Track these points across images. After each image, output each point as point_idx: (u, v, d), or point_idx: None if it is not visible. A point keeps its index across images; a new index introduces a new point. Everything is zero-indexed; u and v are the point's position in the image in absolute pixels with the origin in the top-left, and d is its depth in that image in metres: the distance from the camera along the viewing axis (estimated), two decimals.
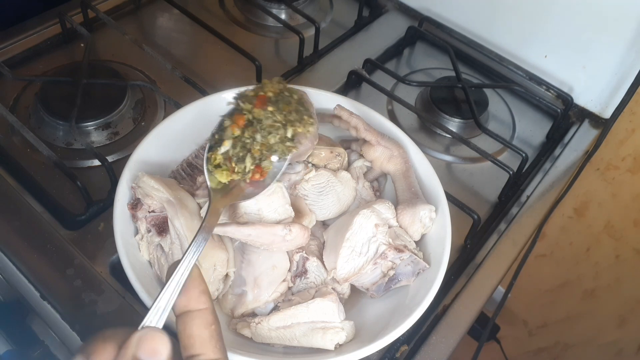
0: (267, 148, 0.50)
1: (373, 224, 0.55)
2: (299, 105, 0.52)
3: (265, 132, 0.50)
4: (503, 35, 0.92)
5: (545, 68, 0.90)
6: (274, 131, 0.50)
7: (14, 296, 0.66)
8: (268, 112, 0.50)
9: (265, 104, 0.50)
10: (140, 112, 0.76)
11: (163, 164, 0.60)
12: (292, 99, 0.52)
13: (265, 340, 0.52)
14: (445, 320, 0.62)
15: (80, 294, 0.57)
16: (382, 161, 0.62)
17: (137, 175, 0.55)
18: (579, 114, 0.90)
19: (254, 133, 0.50)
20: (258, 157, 0.50)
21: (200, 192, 0.58)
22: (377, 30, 0.96)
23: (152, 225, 0.54)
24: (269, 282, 0.54)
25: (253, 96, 0.51)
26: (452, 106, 0.84)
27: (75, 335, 0.55)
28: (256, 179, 0.50)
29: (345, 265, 0.54)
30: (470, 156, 0.80)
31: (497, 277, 0.68)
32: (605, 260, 1.16)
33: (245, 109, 0.50)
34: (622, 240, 1.10)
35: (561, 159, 0.82)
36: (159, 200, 0.54)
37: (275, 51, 0.91)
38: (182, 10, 0.86)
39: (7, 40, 0.80)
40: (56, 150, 0.69)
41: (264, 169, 0.50)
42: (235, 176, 0.50)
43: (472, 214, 0.67)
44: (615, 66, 0.83)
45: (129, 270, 0.50)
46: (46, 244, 0.60)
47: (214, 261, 0.53)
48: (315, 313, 0.51)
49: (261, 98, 0.51)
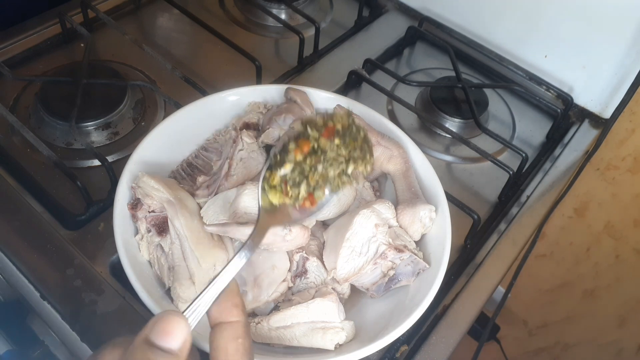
0: (324, 179, 0.49)
1: (373, 224, 0.55)
2: (364, 143, 0.52)
3: (327, 163, 0.49)
4: (503, 35, 0.92)
5: (545, 68, 0.90)
6: (335, 164, 0.49)
7: (14, 296, 0.66)
8: (334, 145, 0.49)
9: (333, 135, 0.49)
10: (140, 112, 0.76)
11: (163, 164, 0.60)
12: (358, 135, 0.51)
13: (265, 340, 0.52)
14: (445, 320, 0.62)
15: (80, 294, 0.57)
16: (382, 161, 0.62)
17: (137, 175, 0.55)
18: (579, 114, 0.90)
19: (316, 162, 0.49)
20: (313, 186, 0.49)
21: (200, 192, 0.58)
22: (377, 30, 0.96)
23: (152, 225, 0.54)
24: (269, 282, 0.54)
25: (322, 125, 0.50)
26: (452, 106, 0.84)
27: (75, 335, 0.55)
28: (306, 206, 0.50)
29: (345, 265, 0.54)
30: (470, 156, 0.80)
31: (497, 277, 0.68)
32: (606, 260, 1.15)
33: (312, 137, 0.49)
34: (622, 240, 1.10)
35: (561, 159, 0.82)
36: (159, 200, 0.54)
37: (275, 51, 0.91)
38: (182, 10, 0.86)
39: (7, 40, 0.80)
40: (56, 150, 0.69)
41: (316, 198, 0.50)
42: (287, 200, 0.49)
43: (472, 214, 0.67)
44: (615, 66, 0.83)
45: (129, 270, 0.50)
46: (46, 244, 0.60)
47: (213, 261, 0.53)
48: (316, 313, 0.51)
49: (330, 129, 0.50)
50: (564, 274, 1.24)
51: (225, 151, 0.61)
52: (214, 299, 0.36)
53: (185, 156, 0.63)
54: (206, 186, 0.59)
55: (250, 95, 0.66)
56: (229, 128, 0.64)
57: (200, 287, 0.52)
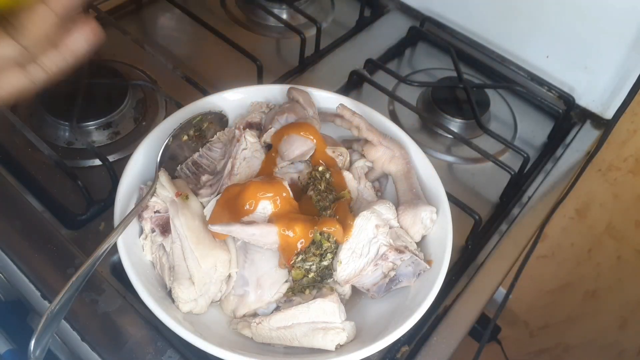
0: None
1: (373, 225, 0.55)
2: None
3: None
4: (505, 36, 0.92)
5: (547, 68, 0.90)
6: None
7: (14, 295, 0.66)
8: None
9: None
10: (141, 111, 0.76)
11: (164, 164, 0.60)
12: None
13: (266, 340, 0.52)
14: (446, 321, 0.62)
15: (80, 294, 0.57)
16: (384, 161, 0.62)
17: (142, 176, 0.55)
18: (580, 115, 0.89)
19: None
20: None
21: (203, 191, 0.58)
22: (379, 31, 0.96)
23: (156, 225, 0.55)
24: (271, 283, 0.54)
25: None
26: (454, 106, 0.84)
27: (76, 335, 0.55)
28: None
29: (346, 267, 0.54)
30: (471, 157, 0.79)
31: (498, 278, 0.68)
32: (607, 261, 1.15)
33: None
34: (624, 241, 1.10)
35: (563, 159, 0.82)
36: (164, 199, 0.54)
37: (276, 51, 0.91)
38: (183, 10, 0.86)
39: None
40: (57, 150, 0.69)
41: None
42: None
43: (474, 214, 0.67)
44: (617, 67, 0.83)
45: (130, 270, 0.50)
46: (47, 243, 0.60)
47: (214, 261, 0.53)
48: (316, 313, 0.51)
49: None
50: (565, 275, 1.24)
51: (228, 150, 0.61)
52: None
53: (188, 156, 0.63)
54: (209, 185, 0.59)
55: (253, 95, 0.66)
56: (232, 127, 0.64)
57: (200, 288, 0.52)
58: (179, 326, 0.47)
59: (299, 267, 0.53)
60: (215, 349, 0.47)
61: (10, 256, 0.59)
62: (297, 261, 0.53)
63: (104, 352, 0.54)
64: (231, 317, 0.55)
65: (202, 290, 0.52)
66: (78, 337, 0.55)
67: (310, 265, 0.53)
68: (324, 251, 0.53)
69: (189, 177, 0.60)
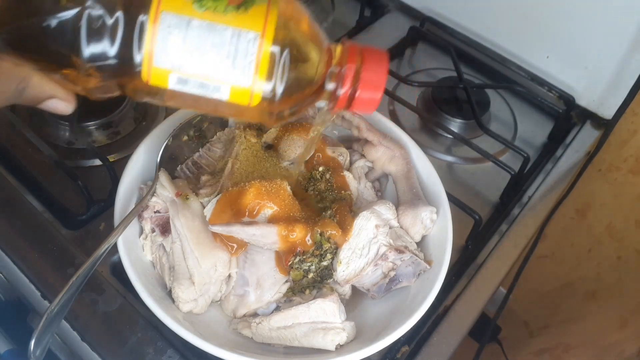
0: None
1: (373, 225, 0.55)
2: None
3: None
4: (505, 36, 0.92)
5: (547, 69, 0.90)
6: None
7: (14, 295, 0.66)
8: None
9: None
10: (141, 111, 0.76)
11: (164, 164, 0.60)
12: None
13: (266, 340, 0.52)
14: (446, 321, 0.62)
15: (80, 294, 0.57)
16: (384, 162, 0.62)
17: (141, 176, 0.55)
18: (580, 115, 0.89)
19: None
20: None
21: (203, 191, 0.58)
22: (379, 31, 0.96)
23: (156, 225, 0.55)
24: (272, 283, 0.54)
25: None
26: (454, 106, 0.84)
27: (76, 335, 0.55)
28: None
29: (346, 267, 0.54)
30: (471, 157, 0.79)
31: (498, 278, 0.68)
32: (607, 262, 1.15)
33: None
34: (624, 242, 1.09)
35: (563, 159, 0.82)
36: (164, 199, 0.54)
37: None
38: None
39: None
40: (57, 150, 0.69)
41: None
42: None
43: (474, 214, 0.66)
44: (617, 67, 0.83)
45: (130, 270, 0.50)
46: (47, 243, 0.60)
47: (214, 261, 0.53)
48: (316, 313, 0.51)
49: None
50: (565, 275, 1.24)
51: (228, 150, 0.61)
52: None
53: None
54: (209, 185, 0.59)
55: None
56: (232, 127, 0.64)
57: (200, 288, 0.52)
58: (179, 326, 0.47)
59: (297, 268, 0.53)
60: (215, 349, 0.47)
61: (10, 256, 0.59)
62: (295, 262, 0.53)
63: (104, 352, 0.54)
64: (231, 317, 0.55)
65: (202, 290, 0.52)
66: (78, 337, 0.55)
67: (308, 266, 0.53)
68: (324, 252, 0.53)
69: (189, 177, 0.60)
